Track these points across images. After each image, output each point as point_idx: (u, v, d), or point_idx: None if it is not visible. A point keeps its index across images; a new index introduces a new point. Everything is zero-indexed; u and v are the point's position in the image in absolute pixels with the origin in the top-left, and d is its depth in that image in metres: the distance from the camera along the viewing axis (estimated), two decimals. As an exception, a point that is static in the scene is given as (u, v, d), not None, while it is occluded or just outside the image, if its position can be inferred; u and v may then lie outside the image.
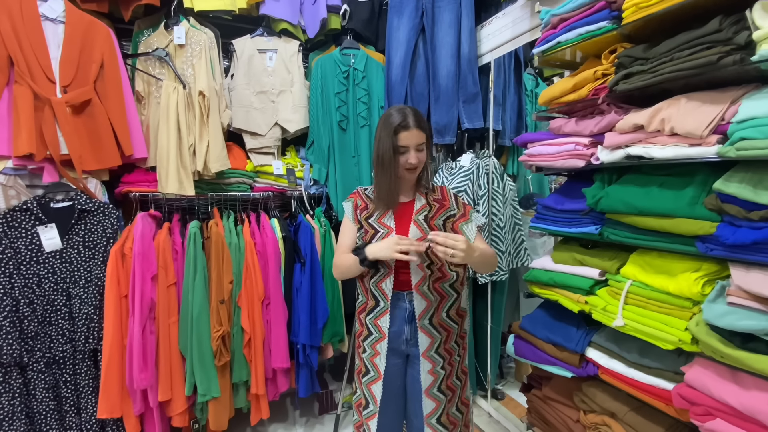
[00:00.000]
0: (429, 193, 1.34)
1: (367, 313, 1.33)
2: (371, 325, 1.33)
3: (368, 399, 1.34)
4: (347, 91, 2.19)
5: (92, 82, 1.69)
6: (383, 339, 1.31)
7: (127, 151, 1.74)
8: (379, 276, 1.29)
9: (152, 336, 1.70)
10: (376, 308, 1.31)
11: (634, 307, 1.14)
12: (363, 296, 1.36)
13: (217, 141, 1.87)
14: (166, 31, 1.88)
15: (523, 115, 2.47)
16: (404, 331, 1.30)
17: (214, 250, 1.78)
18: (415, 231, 1.27)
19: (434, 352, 1.30)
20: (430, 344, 1.30)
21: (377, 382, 1.32)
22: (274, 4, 2.04)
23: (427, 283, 1.28)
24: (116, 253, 1.64)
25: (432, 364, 1.30)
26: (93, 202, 1.69)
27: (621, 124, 1.15)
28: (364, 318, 1.35)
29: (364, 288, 1.34)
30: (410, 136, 1.22)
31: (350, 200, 1.37)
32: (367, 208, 1.32)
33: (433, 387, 1.31)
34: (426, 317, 1.29)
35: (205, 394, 1.73)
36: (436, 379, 1.31)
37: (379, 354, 1.32)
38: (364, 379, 1.36)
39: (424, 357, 1.30)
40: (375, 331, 1.32)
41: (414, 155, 1.24)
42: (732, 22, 0.89)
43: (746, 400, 0.88)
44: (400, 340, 1.31)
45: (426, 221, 1.28)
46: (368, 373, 1.35)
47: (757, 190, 0.89)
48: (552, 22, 1.35)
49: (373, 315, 1.32)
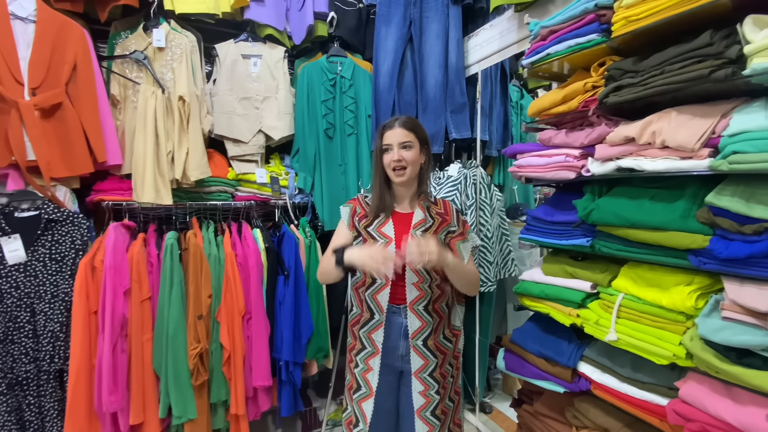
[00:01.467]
0: (431, 206, 1.30)
1: (362, 326, 1.29)
2: (365, 339, 1.29)
3: (358, 417, 1.29)
4: (334, 99, 2.16)
5: (64, 85, 1.61)
6: (377, 354, 1.27)
7: (100, 158, 1.66)
8: (376, 287, 1.25)
9: (123, 354, 1.60)
10: (370, 321, 1.28)
11: (626, 320, 1.12)
12: (357, 308, 1.32)
13: (197, 148, 1.80)
14: (144, 33, 1.81)
15: (509, 126, 2.48)
16: (399, 346, 1.27)
17: (192, 263, 1.69)
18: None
19: (428, 374, 1.27)
20: (422, 366, 1.27)
21: (368, 399, 1.28)
22: (260, 9, 2.00)
23: (424, 303, 1.24)
24: (85, 266, 1.54)
25: (425, 387, 1.27)
26: (61, 211, 1.59)
27: (612, 136, 1.14)
28: (357, 331, 1.31)
29: (359, 299, 1.30)
30: (393, 134, 1.22)
31: (349, 205, 1.33)
32: (366, 216, 1.28)
33: (425, 410, 1.27)
34: (420, 337, 1.26)
35: (181, 416, 1.64)
36: (429, 402, 1.27)
37: (371, 370, 1.28)
38: (355, 395, 1.31)
39: (415, 377, 1.27)
40: (368, 345, 1.29)
41: (397, 152, 1.21)
42: (723, 36, 0.90)
43: (743, 416, 0.86)
44: (394, 355, 1.28)
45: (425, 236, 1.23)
46: (359, 389, 1.30)
47: (749, 204, 0.89)
48: (541, 33, 1.35)
49: (368, 328, 1.28)
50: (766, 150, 0.83)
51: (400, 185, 1.28)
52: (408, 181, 1.26)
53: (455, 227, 1.31)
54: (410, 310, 1.24)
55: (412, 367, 1.26)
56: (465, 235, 1.31)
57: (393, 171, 1.24)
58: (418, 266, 1.11)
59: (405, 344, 1.26)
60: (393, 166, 1.23)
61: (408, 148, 1.23)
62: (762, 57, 0.82)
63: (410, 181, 1.28)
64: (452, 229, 1.30)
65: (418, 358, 1.26)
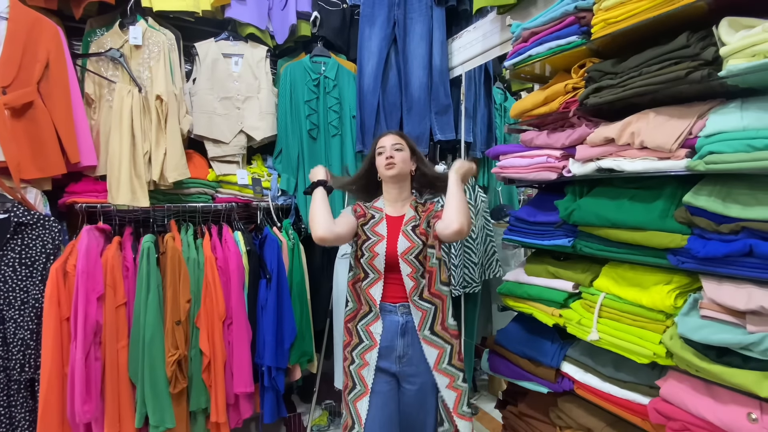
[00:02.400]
0: (419, 207, 1.38)
1: (359, 319, 1.31)
2: (362, 332, 1.30)
3: (354, 418, 1.26)
4: (318, 99, 2.13)
5: (35, 83, 1.55)
6: (374, 347, 1.27)
7: (73, 159, 1.60)
8: (369, 281, 1.30)
9: (97, 363, 1.54)
10: (369, 314, 1.30)
11: (608, 320, 1.13)
12: (354, 303, 1.33)
13: (175, 148, 1.75)
14: (121, 30, 1.76)
15: (492, 128, 2.50)
16: (396, 346, 1.26)
17: (170, 267, 1.64)
18: (404, 241, 1.29)
19: (447, 364, 1.27)
20: (439, 356, 1.26)
21: (363, 398, 1.26)
22: (241, 7, 1.97)
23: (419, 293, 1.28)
24: (57, 271, 1.48)
25: (450, 378, 1.27)
26: (32, 214, 1.52)
27: (592, 137, 1.15)
28: (354, 325, 1.32)
29: (355, 293, 1.33)
30: (385, 140, 1.36)
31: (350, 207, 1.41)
32: (364, 216, 1.35)
33: (460, 405, 1.26)
34: (426, 327, 1.27)
35: (158, 426, 1.58)
36: (460, 394, 1.26)
37: (367, 365, 1.27)
38: (350, 396, 1.29)
39: (436, 371, 1.26)
40: (366, 338, 1.29)
41: (390, 152, 1.32)
42: (699, 38, 0.91)
43: (724, 415, 0.87)
44: (391, 357, 1.27)
45: (413, 231, 1.31)
46: (354, 387, 1.29)
47: (726, 203, 0.90)
48: (523, 35, 1.36)
49: (366, 321, 1.30)
50: (741, 150, 0.85)
51: (392, 182, 1.34)
52: (398, 176, 1.33)
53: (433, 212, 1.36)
54: (411, 304, 1.27)
55: (430, 362, 1.25)
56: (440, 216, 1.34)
57: (385, 168, 1.33)
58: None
59: (403, 343, 1.26)
60: (385, 163, 1.32)
61: (399, 149, 1.34)
62: (737, 59, 0.84)
63: (401, 179, 1.34)
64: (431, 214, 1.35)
65: (432, 349, 1.26)
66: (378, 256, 1.27)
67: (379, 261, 1.28)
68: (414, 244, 1.28)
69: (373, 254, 1.28)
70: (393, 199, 1.37)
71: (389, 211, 1.36)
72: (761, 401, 0.83)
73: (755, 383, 0.81)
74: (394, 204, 1.37)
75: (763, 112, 0.85)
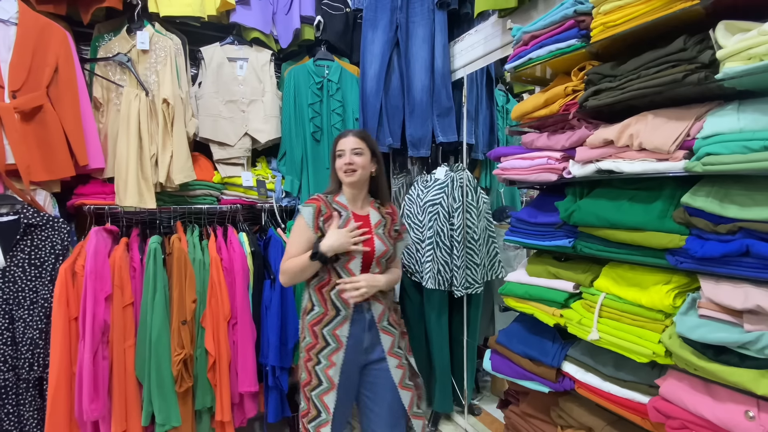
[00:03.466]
0: (381, 207, 1.47)
1: (325, 324, 1.36)
2: (329, 336, 1.36)
3: (320, 408, 1.35)
4: (321, 102, 2.16)
5: (45, 87, 1.58)
6: (340, 349, 1.35)
7: (81, 161, 1.63)
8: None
9: (105, 362, 1.56)
10: (336, 318, 1.35)
11: (608, 320, 1.14)
12: (320, 307, 1.37)
13: (181, 151, 1.78)
14: (128, 35, 1.80)
15: (495, 130, 2.51)
16: (364, 339, 1.37)
17: (176, 267, 1.67)
18: (380, 244, 1.39)
19: (397, 348, 1.44)
20: (392, 342, 1.42)
21: (330, 392, 1.34)
22: (246, 12, 2.00)
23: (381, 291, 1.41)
24: (66, 272, 1.51)
25: (398, 359, 1.42)
26: (41, 215, 1.55)
27: (591, 139, 1.16)
28: (320, 329, 1.36)
29: (322, 299, 1.37)
30: (346, 142, 1.38)
31: (311, 205, 1.37)
32: (331, 216, 1.37)
33: (404, 379, 1.43)
34: (384, 319, 1.42)
35: (164, 424, 1.61)
36: (405, 371, 1.43)
37: (334, 365, 1.35)
38: (314, 391, 1.36)
39: (390, 355, 1.41)
40: (333, 342, 1.35)
41: (348, 156, 1.36)
42: (696, 42, 0.92)
43: (722, 413, 0.88)
44: (358, 349, 1.37)
45: (384, 234, 1.42)
46: (320, 384, 1.35)
47: (723, 204, 0.91)
48: (523, 39, 1.38)
49: (333, 325, 1.36)
50: (737, 151, 0.86)
51: (350, 186, 1.40)
52: (358, 182, 1.39)
53: (398, 226, 1.51)
54: (375, 301, 1.39)
55: (384, 347, 1.40)
56: (402, 235, 1.53)
57: (344, 173, 1.37)
58: (356, 300, 1.33)
59: (369, 336, 1.38)
60: (345, 168, 1.36)
61: (359, 154, 1.37)
62: (733, 61, 0.85)
63: (360, 184, 1.41)
64: (396, 228, 1.49)
65: (387, 337, 1.42)
66: (355, 259, 1.34)
67: (355, 263, 1.34)
68: (388, 248, 1.41)
69: (350, 257, 1.33)
70: (353, 198, 1.42)
71: (353, 209, 1.42)
72: (758, 399, 0.84)
73: (752, 381, 0.82)
74: (354, 202, 1.43)
75: (759, 114, 0.86)
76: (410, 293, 2.23)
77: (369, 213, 1.43)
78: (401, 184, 2.45)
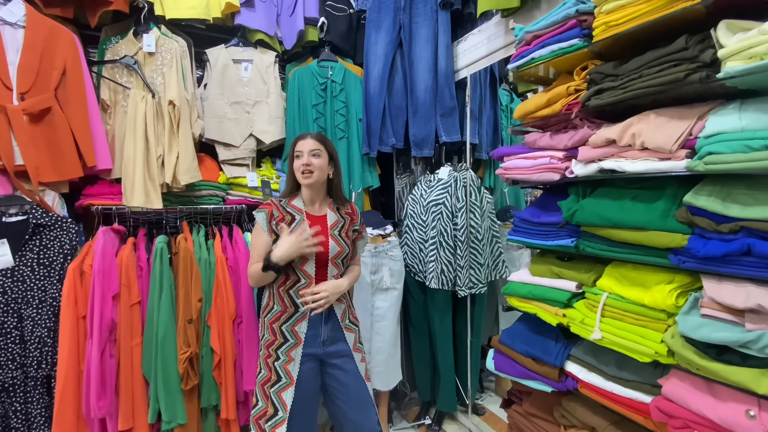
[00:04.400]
0: (341, 208, 1.50)
1: (284, 321, 1.39)
2: (287, 332, 1.39)
3: (277, 407, 1.36)
4: (325, 103, 2.17)
5: (53, 90, 1.61)
6: (299, 344, 1.39)
7: (89, 162, 1.65)
8: (302, 285, 1.39)
9: (112, 360, 1.59)
10: (294, 315, 1.39)
11: (611, 319, 1.14)
12: (278, 305, 1.41)
13: (187, 152, 1.80)
14: (135, 38, 1.82)
15: (498, 130, 2.51)
16: (321, 333, 1.41)
17: (182, 267, 1.69)
18: (334, 245, 1.43)
19: (359, 343, 1.51)
20: (355, 339, 1.49)
21: (289, 389, 1.36)
22: (250, 14, 2.02)
23: None
24: (74, 271, 1.54)
25: (360, 353, 1.50)
26: (49, 215, 1.58)
27: (594, 138, 1.17)
28: (278, 326, 1.40)
29: (279, 297, 1.40)
30: (304, 144, 1.41)
31: (263, 211, 1.43)
32: (283, 219, 1.41)
33: (367, 372, 1.51)
34: (346, 318, 1.48)
35: (171, 421, 1.62)
36: (366, 364, 1.51)
37: (293, 360, 1.38)
38: (273, 388, 1.37)
39: (355, 351, 1.47)
40: (291, 338, 1.39)
41: (306, 158, 1.38)
42: (697, 41, 0.92)
43: (723, 412, 0.88)
44: (316, 342, 1.41)
45: (340, 235, 1.45)
46: (279, 380, 1.37)
47: (725, 203, 0.91)
48: (526, 38, 1.38)
49: (291, 322, 1.39)
50: (739, 150, 0.86)
51: (308, 188, 1.42)
52: (315, 184, 1.42)
53: (358, 226, 1.54)
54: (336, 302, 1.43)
55: (349, 344, 1.46)
56: (362, 234, 1.57)
57: (302, 174, 1.39)
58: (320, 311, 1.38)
59: (326, 329, 1.42)
60: (302, 169, 1.39)
61: (317, 156, 1.40)
62: (735, 60, 0.85)
63: (318, 186, 1.44)
64: (356, 228, 1.53)
65: (350, 334, 1.48)
66: (309, 261, 1.38)
67: (310, 265, 1.39)
68: (343, 249, 1.44)
69: (304, 259, 1.37)
70: (310, 200, 1.45)
71: (309, 210, 1.45)
72: (759, 398, 0.84)
73: (753, 380, 0.82)
74: (311, 205, 1.46)
75: (760, 113, 0.86)
76: (414, 293, 2.24)
77: (326, 214, 1.46)
78: (405, 184, 2.46)
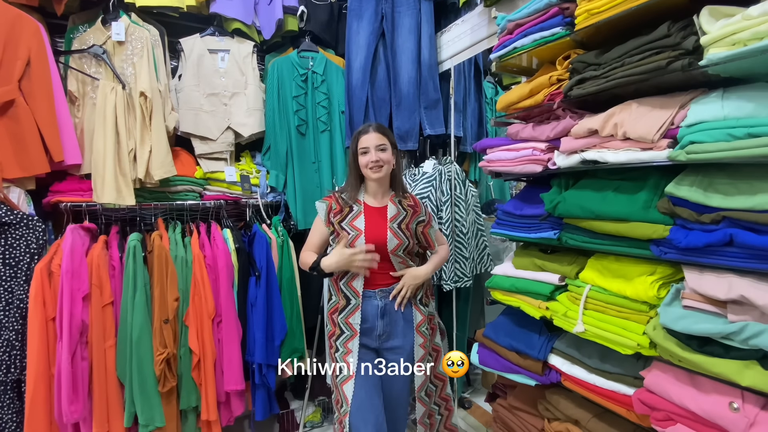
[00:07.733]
0: (402, 200, 1.46)
1: (339, 312, 1.41)
2: (343, 324, 1.40)
3: (342, 399, 1.38)
4: (306, 95, 2.12)
5: (17, 81, 1.52)
6: (354, 336, 1.39)
7: (56, 157, 1.58)
8: (350, 275, 1.38)
9: (84, 362, 1.53)
10: (347, 307, 1.39)
11: (593, 312, 1.13)
12: (336, 297, 1.43)
13: (160, 146, 1.73)
14: (103, 26, 1.74)
15: (483, 122, 2.49)
16: (377, 326, 1.39)
17: (156, 265, 1.63)
18: (392, 237, 1.38)
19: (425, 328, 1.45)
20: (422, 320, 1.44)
21: (349, 382, 1.37)
22: (226, 2, 1.94)
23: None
24: (41, 271, 1.47)
25: (424, 339, 1.44)
26: (15, 213, 1.50)
27: (576, 129, 1.15)
28: (336, 318, 1.42)
29: (336, 288, 1.42)
30: (369, 138, 1.38)
31: (325, 202, 1.44)
32: (341, 212, 1.41)
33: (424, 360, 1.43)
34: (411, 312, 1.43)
35: (148, 425, 1.58)
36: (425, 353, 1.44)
37: (350, 352, 1.39)
38: (338, 379, 1.40)
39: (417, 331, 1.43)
40: (347, 330, 1.40)
41: (374, 153, 1.37)
42: (680, 28, 0.90)
43: (706, 404, 0.87)
44: (372, 336, 1.40)
45: (400, 228, 1.41)
46: (341, 372, 1.40)
47: (707, 193, 0.90)
48: (508, 27, 1.35)
49: (345, 314, 1.40)
50: (721, 139, 0.84)
51: (376, 181, 1.41)
52: (384, 178, 1.41)
53: (423, 216, 1.48)
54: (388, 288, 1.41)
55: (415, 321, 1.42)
56: (431, 223, 1.52)
57: (371, 170, 1.38)
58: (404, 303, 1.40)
59: (382, 323, 1.39)
60: (371, 165, 1.37)
61: (383, 150, 1.39)
62: (718, 47, 0.83)
63: (385, 179, 1.42)
64: (422, 219, 1.47)
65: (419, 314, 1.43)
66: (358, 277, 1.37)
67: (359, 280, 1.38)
68: (402, 242, 1.40)
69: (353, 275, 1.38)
70: (373, 192, 1.45)
71: (370, 202, 1.44)
72: (742, 390, 0.83)
73: (736, 372, 0.81)
74: (375, 196, 1.45)
75: (743, 102, 0.84)
76: (399, 288, 2.21)
77: (387, 205, 1.44)
78: (389, 178, 2.42)
